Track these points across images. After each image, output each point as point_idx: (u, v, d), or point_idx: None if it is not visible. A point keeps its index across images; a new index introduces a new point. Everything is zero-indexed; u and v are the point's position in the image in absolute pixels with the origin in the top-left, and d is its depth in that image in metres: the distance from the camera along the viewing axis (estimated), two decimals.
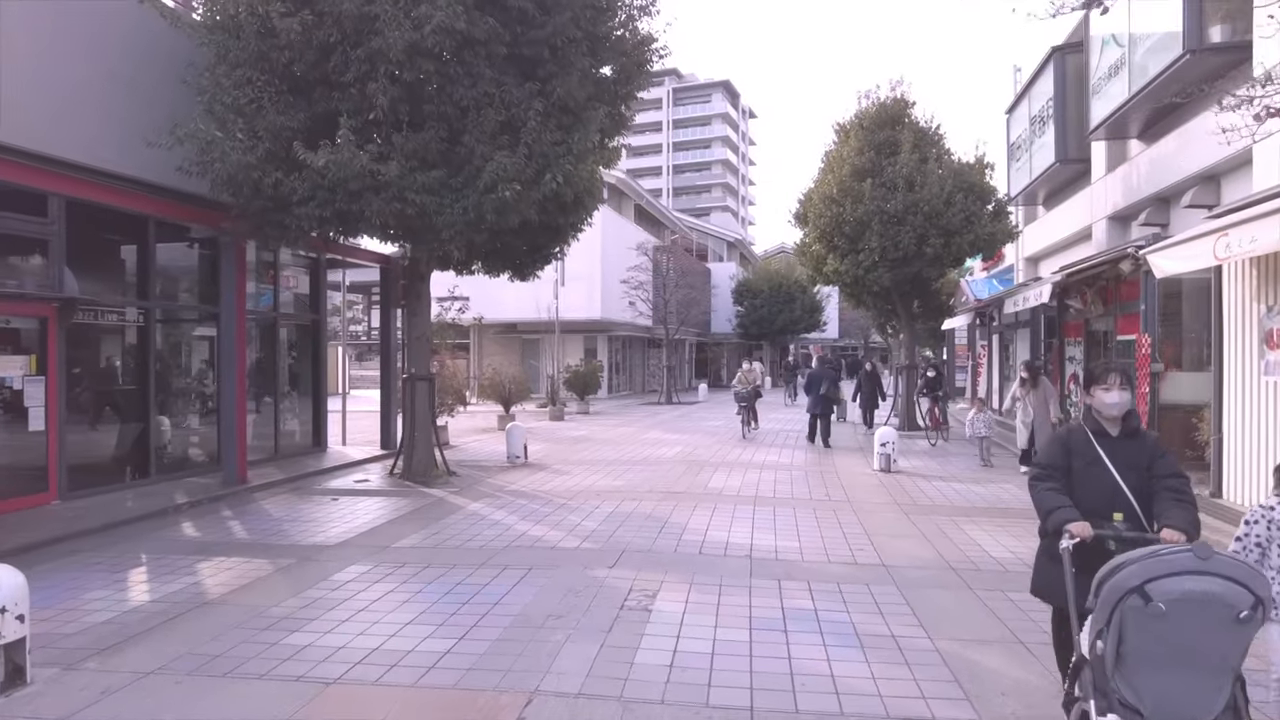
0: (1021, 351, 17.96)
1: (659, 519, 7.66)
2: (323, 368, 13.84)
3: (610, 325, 28.98)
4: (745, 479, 10.21)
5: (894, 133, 15.24)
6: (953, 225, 14.30)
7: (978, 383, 24.42)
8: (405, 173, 8.50)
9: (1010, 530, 7.32)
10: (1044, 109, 17.92)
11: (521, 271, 12.52)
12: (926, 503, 8.73)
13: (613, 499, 8.74)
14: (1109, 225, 14.79)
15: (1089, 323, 13.64)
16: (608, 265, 27.15)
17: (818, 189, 15.79)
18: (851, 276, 15.37)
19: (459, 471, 11.05)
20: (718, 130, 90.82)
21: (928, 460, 12.23)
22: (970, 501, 8.81)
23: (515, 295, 26.23)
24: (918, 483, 10.05)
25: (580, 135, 9.39)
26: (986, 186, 15.12)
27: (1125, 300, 11.72)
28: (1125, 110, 12.93)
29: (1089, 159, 15.85)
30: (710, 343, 44.76)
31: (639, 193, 32.32)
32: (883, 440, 10.93)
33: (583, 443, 14.44)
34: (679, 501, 8.57)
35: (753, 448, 13.79)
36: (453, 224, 8.87)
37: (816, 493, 9.28)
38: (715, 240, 48.41)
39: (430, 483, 10.21)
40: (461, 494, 9.34)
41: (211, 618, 4.91)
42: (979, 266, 26.25)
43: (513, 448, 11.83)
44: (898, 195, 14.44)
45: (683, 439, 15.09)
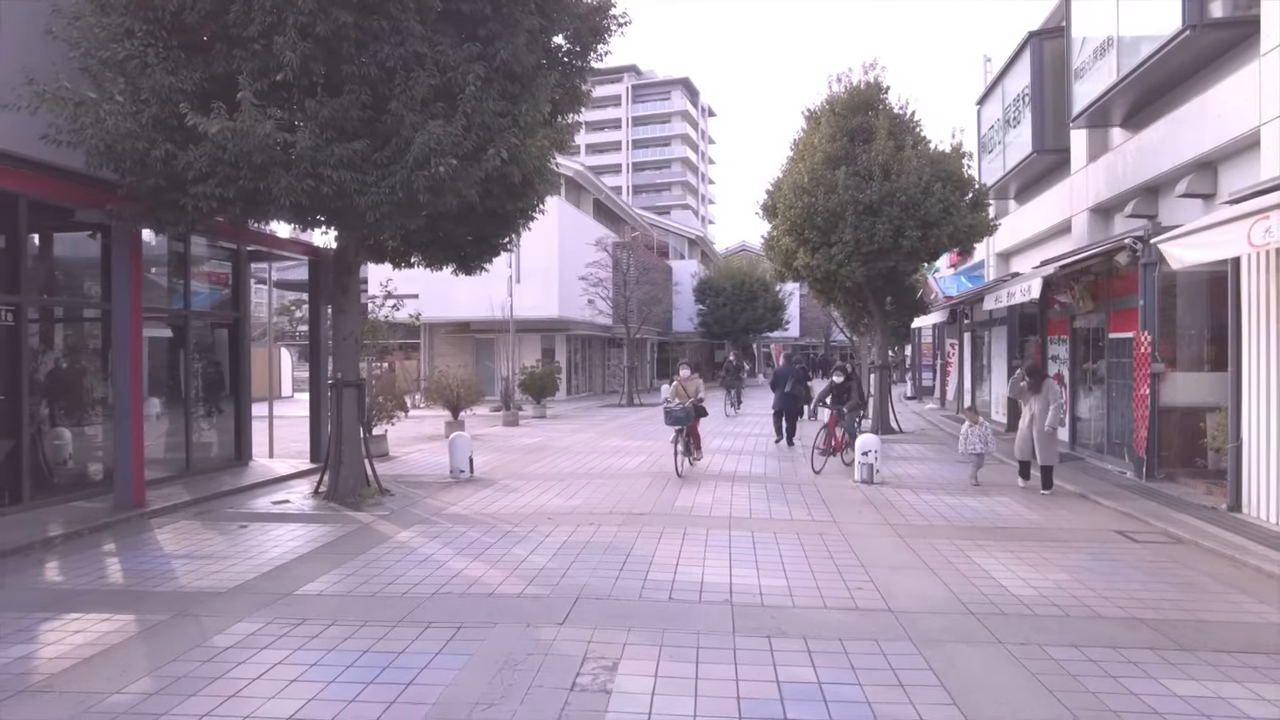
0: (998, 351, 17.30)
1: (620, 550, 6.55)
2: (245, 372, 12.43)
3: (568, 324, 27.78)
4: (716, 495, 9.15)
5: (868, 119, 14.36)
6: (931, 216, 13.46)
7: (946, 383, 23.84)
8: (320, 144, 7.25)
9: (1023, 557, 6.38)
10: (1019, 98, 17.26)
11: (467, 264, 11.27)
12: (920, 522, 7.78)
13: (567, 523, 7.60)
14: (1090, 218, 14.11)
15: (1075, 320, 12.93)
16: (565, 261, 25.95)
17: (788, 178, 14.83)
18: (823, 271, 14.45)
19: (393, 489, 9.81)
20: (678, 128, 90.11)
21: (910, 468, 11.33)
22: (969, 520, 7.89)
23: (468, 292, 24.90)
24: (905, 497, 9.11)
25: (528, 106, 8.25)
26: (965, 177, 14.32)
27: (1119, 295, 10.98)
28: (1111, 96, 12.21)
29: (1068, 149, 15.18)
30: (673, 342, 43.80)
31: (598, 186, 31.17)
32: (865, 448, 9.98)
33: (537, 452, 13.26)
34: (643, 526, 7.46)
35: (720, 459, 12.75)
36: (378, 205, 7.63)
37: (797, 511, 8.27)
38: (677, 237, 47.48)
39: (358, 504, 8.96)
40: (392, 518, 8.11)
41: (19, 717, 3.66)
42: (946, 263, 25.70)
43: (456, 461, 10.61)
44: (873, 184, 13.55)
45: (646, 446, 14.00)
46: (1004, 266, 20.64)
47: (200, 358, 11.67)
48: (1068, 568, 6.08)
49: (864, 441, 10.03)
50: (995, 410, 17.36)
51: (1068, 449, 12.83)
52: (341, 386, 9.56)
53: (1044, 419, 9.19)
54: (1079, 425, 12.75)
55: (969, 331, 20.03)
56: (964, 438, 10.10)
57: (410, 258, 11.34)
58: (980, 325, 18.76)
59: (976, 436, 10.00)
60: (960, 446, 10.21)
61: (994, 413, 17.45)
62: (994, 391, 17.60)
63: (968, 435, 10.06)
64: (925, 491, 9.44)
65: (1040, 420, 9.19)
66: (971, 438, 10.01)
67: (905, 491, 9.42)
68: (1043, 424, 9.17)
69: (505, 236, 11.02)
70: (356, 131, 7.47)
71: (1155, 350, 9.63)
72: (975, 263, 23.67)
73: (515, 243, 11.37)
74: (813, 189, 13.93)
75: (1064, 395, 13.17)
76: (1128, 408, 10.40)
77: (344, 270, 9.70)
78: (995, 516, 8.01)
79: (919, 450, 13.39)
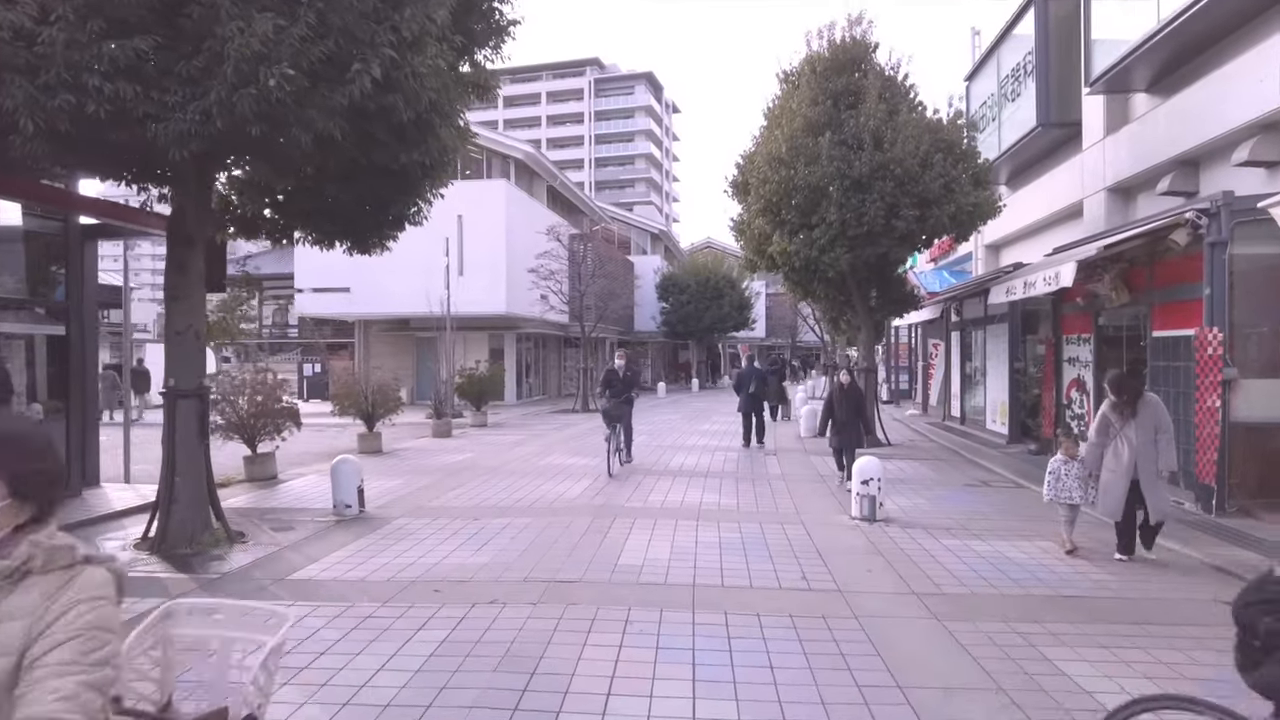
0: (994, 351, 15.36)
1: (523, 664, 4.23)
2: (87, 378, 9.86)
3: (518, 321, 25.35)
4: (677, 542, 6.90)
5: (854, 79, 12.26)
6: (930, 193, 11.40)
7: (929, 387, 21.97)
8: (87, 40, 4.85)
9: (1129, 660, 4.25)
10: (1018, 69, 15.34)
11: (363, 240, 8.89)
12: (956, 588, 5.62)
13: (458, 603, 5.27)
14: (1108, 199, 12.19)
15: (1099, 315, 10.98)
16: (514, 252, 23.52)
17: (762, 148, 12.65)
18: (802, 259, 12.29)
19: (250, 533, 7.39)
20: (641, 123, 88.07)
21: (914, 496, 9.22)
22: (1019, 583, 5.75)
23: (407, 285, 22.32)
24: (921, 542, 6.96)
25: (415, 9, 5.93)
26: (968, 149, 12.29)
27: (1167, 284, 9.00)
28: (1145, 51, 10.31)
29: (1078, 122, 13.27)
30: (633, 341, 41.51)
31: (552, 172, 28.74)
32: (864, 475, 7.80)
33: (460, 474, 10.87)
34: (568, 606, 5.15)
35: (683, 482, 10.50)
36: (185, 138, 5.26)
37: (786, 570, 6.04)
38: (639, 232, 45.22)
39: (191, 558, 6.54)
40: (220, 587, 5.71)
41: None
42: (925, 258, 23.87)
43: (339, 493, 8.20)
44: (862, 155, 11.44)
45: (593, 465, 11.70)
46: (993, 259, 18.78)
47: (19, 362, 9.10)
48: (1206, 682, 3.96)
49: (863, 467, 7.84)
50: (991, 419, 15.42)
51: None
52: (175, 397, 7.11)
53: (1153, 454, 6.19)
54: None
55: (957, 330, 18.11)
56: (1055, 478, 6.69)
57: (290, 231, 8.95)
58: (972, 324, 16.82)
59: (1074, 479, 6.61)
60: (1047, 492, 6.77)
61: (989, 421, 15.51)
62: (988, 397, 15.68)
63: (1061, 476, 6.66)
64: (944, 533, 7.30)
65: (1148, 456, 6.19)
66: (1067, 479, 6.62)
67: (918, 534, 7.28)
68: (1153, 462, 6.21)
69: (410, 205, 8.67)
70: (144, 24, 5.06)
71: (1228, 352, 7.66)
72: (958, 257, 21.88)
73: (425, 214, 8.99)
74: (791, 160, 11.77)
75: (1087, 405, 11.23)
76: (1184, 423, 8.42)
77: (180, 242, 7.23)
78: (1053, 577, 5.89)
79: (916, 470, 11.31)
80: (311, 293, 25.14)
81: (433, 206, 9.21)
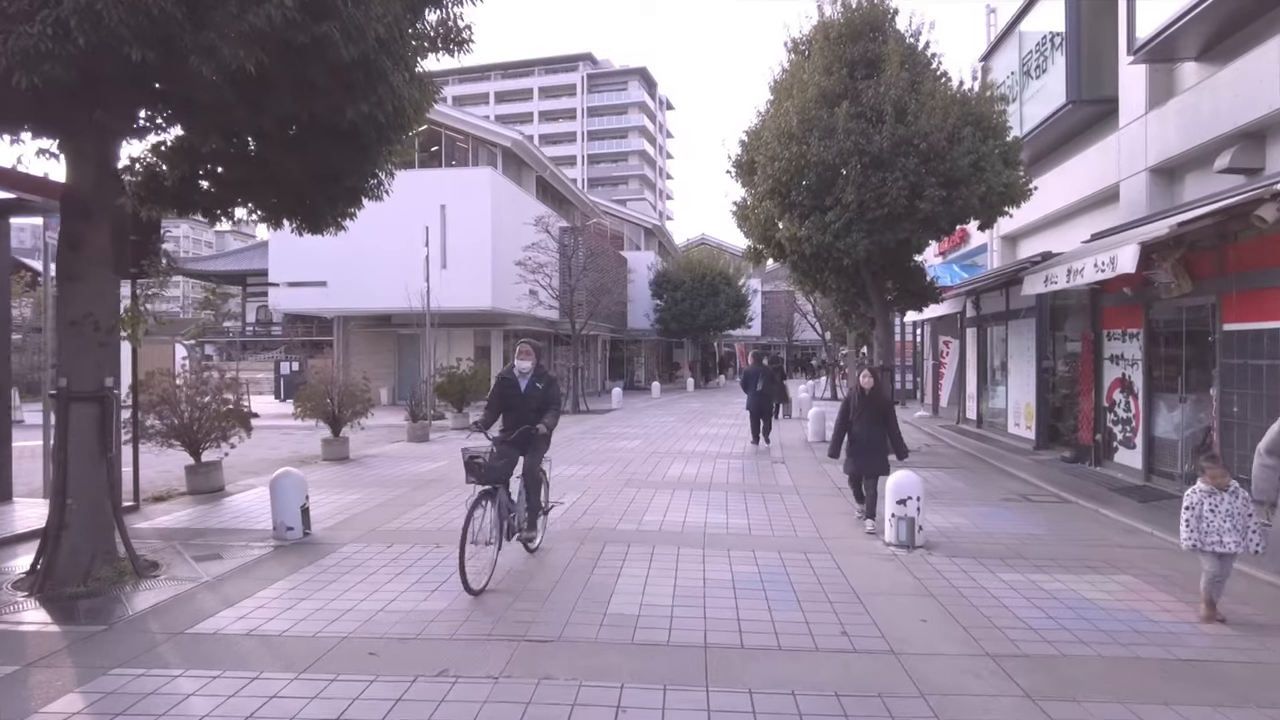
0: (1017, 349, 14.17)
1: None
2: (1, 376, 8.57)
3: (505, 317, 24.07)
4: (681, 580, 5.65)
5: (872, 46, 11.05)
6: (959, 171, 10.20)
7: (940, 387, 20.81)
8: None
9: None
10: (1044, 42, 14.13)
11: (314, 217, 7.58)
12: (1038, 645, 4.38)
13: (396, 673, 4.01)
14: (1151, 181, 11.00)
15: (1150, 308, 9.80)
16: (501, 245, 22.24)
17: (770, 123, 11.40)
18: (814, 245, 11.06)
19: (166, 564, 6.13)
20: (634, 120, 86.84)
21: (951, 514, 7.99)
22: (1116, 637, 4.52)
23: (387, 279, 21.02)
24: (976, 577, 5.74)
25: None
26: (999, 123, 11.08)
27: (1246, 270, 7.80)
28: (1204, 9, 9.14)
29: (1113, 98, 12.10)
30: (626, 339, 40.26)
31: (542, 162, 27.44)
32: (901, 494, 6.57)
33: (430, 486, 9.60)
34: (540, 683, 3.89)
35: (683, 497, 9.27)
36: (31, 58, 4.00)
37: (820, 621, 4.80)
38: (632, 226, 43.93)
39: (78, 602, 5.27)
40: (95, 647, 4.44)
41: None
42: (934, 251, 22.69)
43: (281, 514, 6.93)
44: (883, 128, 10.23)
45: (581, 475, 10.47)
46: (1010, 251, 17.62)
47: None
48: None
49: (900, 483, 6.61)
50: (1013, 422, 14.26)
51: (1143, 480, 9.71)
52: (67, 401, 5.82)
53: None
54: (1157, 449, 9.62)
55: (973, 326, 16.94)
56: (1195, 515, 4.80)
57: (229, 206, 7.65)
58: (991, 319, 15.65)
59: (1225, 517, 4.72)
60: (1186, 536, 4.82)
61: (1011, 424, 14.35)
62: (1010, 398, 14.51)
63: (1204, 513, 4.77)
64: (999, 565, 6.09)
65: None
66: (1214, 518, 4.75)
67: (969, 565, 6.06)
68: None
69: (367, 176, 7.40)
70: None
71: None
72: (969, 250, 20.72)
73: (386, 188, 7.71)
74: (803, 135, 10.54)
75: (1134, 408, 10.05)
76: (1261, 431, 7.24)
77: (75, 213, 5.96)
78: (1158, 630, 4.67)
79: (943, 481, 10.11)
80: (287, 287, 23.81)
81: (394, 179, 7.91)
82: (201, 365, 10.90)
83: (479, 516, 5.29)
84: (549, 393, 6.16)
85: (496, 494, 5.57)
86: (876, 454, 7.22)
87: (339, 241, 14.02)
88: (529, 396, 6.11)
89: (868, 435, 7.26)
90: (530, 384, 6.14)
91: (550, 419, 5.99)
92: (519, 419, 6.02)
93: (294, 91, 5.61)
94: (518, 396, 6.13)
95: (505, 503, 5.70)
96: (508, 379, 6.20)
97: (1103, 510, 8.22)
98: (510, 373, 6.25)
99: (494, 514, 5.53)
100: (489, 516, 5.48)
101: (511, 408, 6.13)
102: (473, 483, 5.54)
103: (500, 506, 5.62)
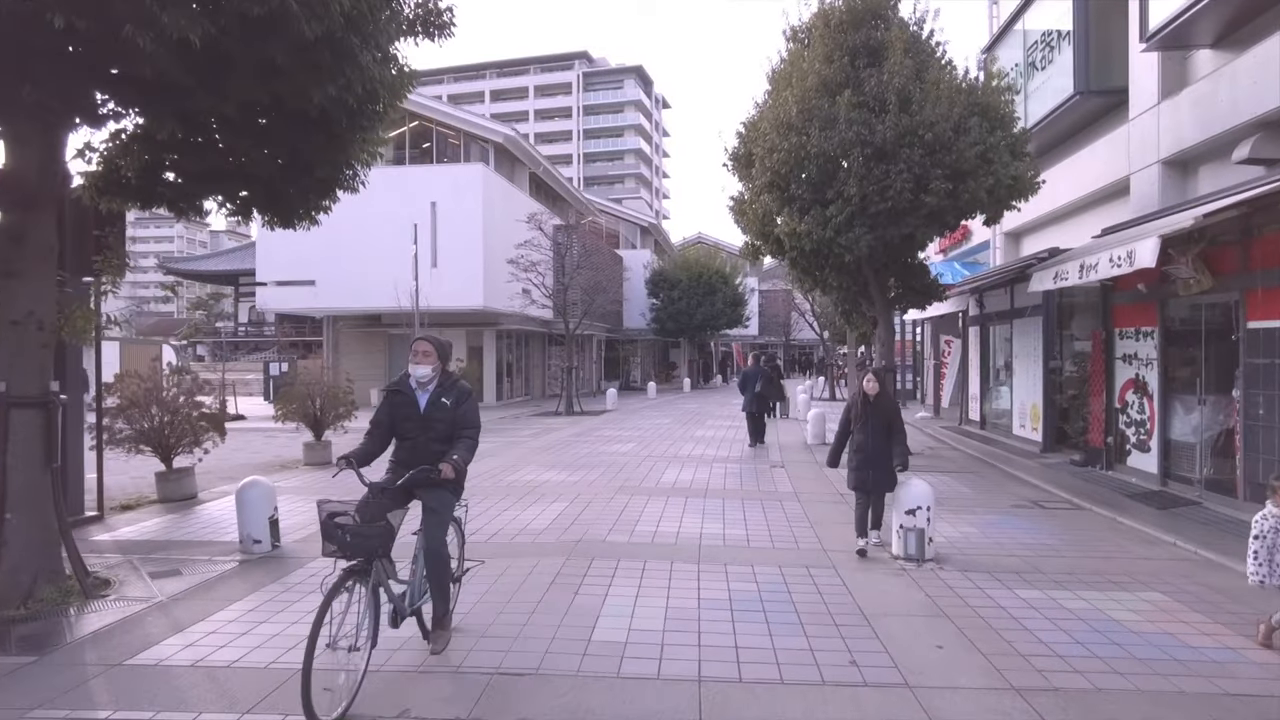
0: (1023, 349, 13.75)
1: None
2: None
3: (498, 316, 23.63)
4: (674, 600, 5.21)
5: (874, 33, 10.62)
6: (965, 163, 9.77)
7: (941, 387, 20.40)
8: None
9: None
10: (1049, 33, 13.80)
11: (285, 210, 7.14)
12: (1069, 677, 3.94)
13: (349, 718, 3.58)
14: (1164, 173, 10.58)
15: (1165, 305, 9.39)
16: (493, 243, 21.80)
17: (769, 113, 10.96)
18: (814, 241, 10.62)
19: (120, 582, 5.69)
20: (630, 118, 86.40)
21: (961, 523, 7.57)
22: (1154, 666, 4.09)
23: (377, 278, 20.59)
24: (991, 594, 5.32)
25: None
26: (1007, 112, 10.66)
27: (1273, 265, 7.39)
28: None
29: (1123, 89, 11.69)
30: (622, 339, 39.83)
31: (535, 158, 26.98)
32: (912, 503, 6.14)
33: None
34: None
35: (678, 504, 8.84)
36: None
37: (826, 648, 4.35)
38: (628, 225, 43.48)
39: (13, 627, 4.81)
40: (23, 681, 3.99)
41: None
42: (934, 248, 22.29)
43: (247, 525, 6.49)
44: (886, 118, 9.80)
45: (571, 481, 10.03)
46: (1013, 249, 17.22)
47: None
48: None
49: (908, 492, 6.18)
50: (1019, 423, 13.84)
51: (1159, 485, 9.29)
52: (8, 407, 5.37)
53: None
54: (1173, 452, 9.20)
55: (976, 325, 16.53)
56: (1266, 546, 4.28)
57: (196, 199, 7.20)
58: (996, 317, 15.25)
59: None
60: (1254, 570, 4.30)
61: (1017, 426, 13.94)
62: (1016, 399, 14.10)
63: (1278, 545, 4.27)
64: (1016, 580, 5.66)
65: None
66: None
67: (984, 581, 5.62)
68: None
69: (338, 166, 6.93)
70: None
71: None
72: (970, 247, 20.33)
73: (362, 179, 7.26)
74: (803, 125, 10.10)
75: (1149, 409, 9.63)
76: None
77: (17, 204, 5.50)
78: (1197, 657, 4.24)
79: (949, 486, 9.68)
80: (275, 286, 23.35)
81: (370, 170, 7.47)
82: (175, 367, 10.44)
83: (339, 611, 3.54)
84: (461, 412, 4.30)
85: (371, 573, 3.74)
86: (883, 466, 6.38)
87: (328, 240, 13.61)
88: (431, 419, 4.27)
89: (873, 445, 6.40)
90: (433, 399, 4.29)
91: (463, 451, 4.16)
92: (415, 453, 4.23)
93: (256, 72, 5.17)
94: (414, 418, 4.30)
95: (384, 582, 3.86)
96: (399, 392, 4.37)
97: (1120, 518, 7.80)
98: (404, 383, 4.37)
99: (365, 604, 3.68)
100: (356, 609, 3.65)
101: (405, 435, 4.33)
102: (334, 556, 3.68)
103: (376, 591, 3.78)
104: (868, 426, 6.45)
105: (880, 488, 6.47)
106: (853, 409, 6.60)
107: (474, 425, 4.36)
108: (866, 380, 6.55)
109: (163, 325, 63.87)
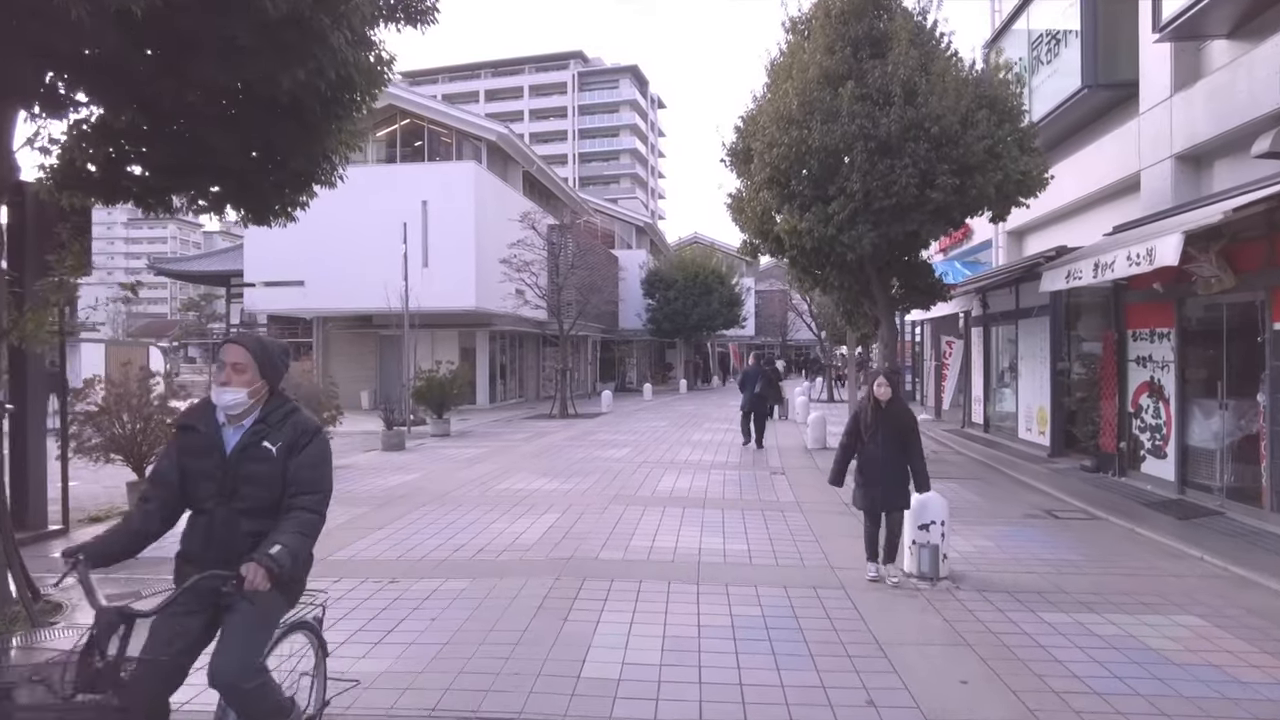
0: (1028, 350, 13.38)
1: None
2: None
3: (490, 317, 23.20)
4: (671, 627, 4.80)
5: (878, 23, 10.24)
6: (973, 157, 9.39)
7: (942, 389, 20.04)
8: None
9: None
10: (1054, 29, 13.46)
11: (259, 206, 6.74)
12: (1108, 716, 3.58)
13: None
14: (1176, 169, 10.21)
15: (1183, 305, 9.01)
16: (486, 242, 21.37)
17: (768, 107, 10.56)
18: (815, 238, 10.21)
19: (73, 605, 5.27)
20: (626, 118, 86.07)
21: (974, 536, 7.19)
22: (1201, 705, 3.68)
23: (368, 279, 20.11)
24: (1013, 617, 4.92)
25: None
26: (1014, 105, 10.28)
27: None
28: None
29: (1133, 82, 11.33)
30: (618, 340, 39.42)
31: (529, 156, 26.56)
32: (925, 518, 5.72)
33: (396, 504, 8.72)
34: None
35: (675, 515, 8.44)
36: None
37: (838, 681, 3.93)
38: (623, 225, 43.06)
39: None
40: None
41: None
42: (935, 247, 21.94)
43: None
44: (891, 111, 9.41)
45: (563, 490, 9.62)
46: (1016, 248, 16.87)
47: None
48: None
49: (921, 505, 5.77)
50: (1025, 427, 13.47)
51: (1176, 493, 8.91)
52: None
53: None
54: (1192, 459, 8.83)
55: (979, 326, 16.17)
56: None
57: (165, 194, 6.77)
58: (1000, 318, 14.88)
59: None
60: None
61: (1023, 429, 13.56)
62: (1021, 402, 13.73)
63: None
64: (1039, 601, 5.26)
65: None
66: None
67: (1005, 603, 5.23)
68: None
69: (314, 158, 6.52)
70: None
71: None
72: (972, 246, 19.99)
73: (340, 173, 6.85)
74: (804, 119, 9.71)
75: (1165, 414, 9.26)
76: None
77: None
78: (1245, 692, 3.85)
79: (957, 493, 9.28)
80: (263, 286, 22.90)
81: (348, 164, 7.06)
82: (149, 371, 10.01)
83: None
84: (298, 464, 2.64)
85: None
86: (896, 483, 5.61)
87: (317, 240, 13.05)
88: (242, 475, 2.63)
89: (885, 459, 5.60)
90: (247, 442, 2.65)
91: (291, 537, 2.50)
92: (211, 537, 2.63)
93: (219, 54, 4.78)
94: (213, 474, 2.63)
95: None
96: (193, 429, 2.70)
97: (1139, 529, 7.41)
98: (206, 413, 2.72)
99: None
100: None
101: (200, 503, 2.65)
102: None
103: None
104: (878, 438, 5.64)
105: (895, 506, 5.69)
106: (861, 418, 5.83)
107: (318, 489, 2.64)
108: (877, 384, 5.81)
109: (154, 327, 63.33)
